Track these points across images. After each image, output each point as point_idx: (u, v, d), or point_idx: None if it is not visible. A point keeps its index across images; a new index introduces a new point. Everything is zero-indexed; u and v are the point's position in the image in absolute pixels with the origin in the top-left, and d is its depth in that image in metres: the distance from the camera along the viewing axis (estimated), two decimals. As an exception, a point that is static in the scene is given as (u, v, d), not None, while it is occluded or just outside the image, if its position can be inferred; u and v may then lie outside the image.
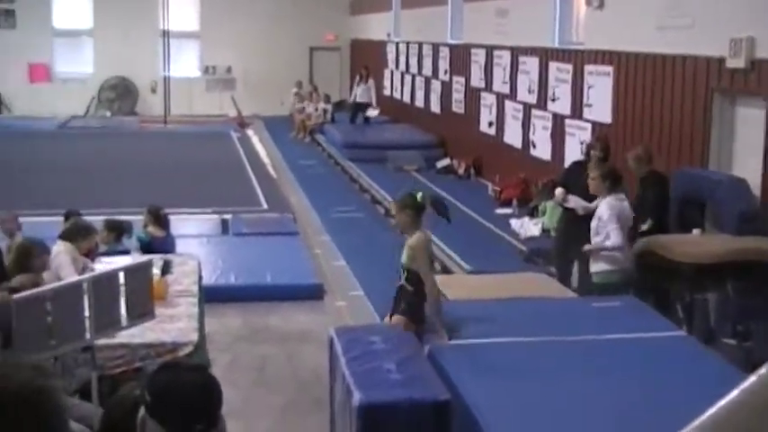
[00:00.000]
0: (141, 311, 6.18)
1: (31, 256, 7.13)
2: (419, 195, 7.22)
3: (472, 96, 18.74)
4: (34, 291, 5.50)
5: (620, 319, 6.87)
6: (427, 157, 19.85)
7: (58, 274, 7.23)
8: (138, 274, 6.19)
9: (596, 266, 8.36)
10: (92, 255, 8.31)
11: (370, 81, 24.19)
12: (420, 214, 7.12)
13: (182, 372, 2.88)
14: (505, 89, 16.74)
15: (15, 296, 5.33)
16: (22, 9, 30.25)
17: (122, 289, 5.97)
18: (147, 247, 9.59)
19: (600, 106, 12.85)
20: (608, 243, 8.21)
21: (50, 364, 5.55)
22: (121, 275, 5.99)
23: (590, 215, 8.63)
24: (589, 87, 13.22)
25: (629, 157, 9.66)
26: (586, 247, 8.38)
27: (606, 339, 6.42)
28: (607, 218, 8.23)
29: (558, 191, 9.80)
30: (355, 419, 4.90)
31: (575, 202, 9.36)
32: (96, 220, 9.52)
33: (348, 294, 11.07)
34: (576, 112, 13.64)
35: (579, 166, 10.00)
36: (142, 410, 2.80)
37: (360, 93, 24.26)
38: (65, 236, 8.15)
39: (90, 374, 5.83)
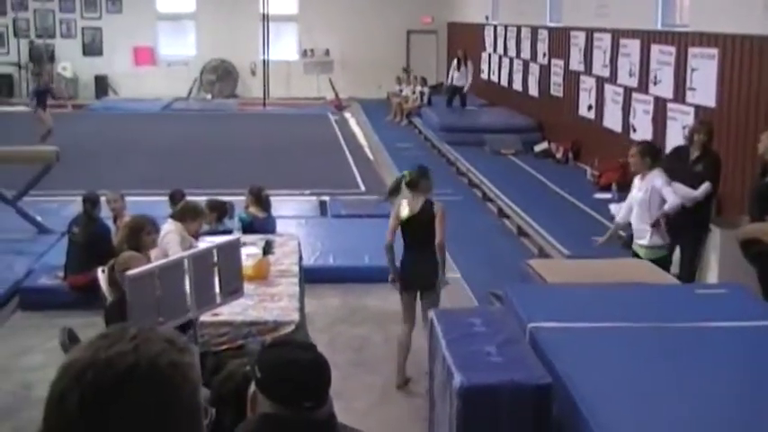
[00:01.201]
0: (233, 288, 6.31)
1: (143, 232, 7.29)
2: None
3: (571, 80, 18.51)
4: (145, 267, 5.65)
5: (725, 306, 6.73)
6: (525, 141, 19.71)
7: (166, 252, 7.40)
8: (228, 252, 6.31)
9: (650, 240, 8.61)
10: (197, 235, 8.48)
11: (469, 64, 24.07)
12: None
13: (293, 349, 2.93)
14: (605, 72, 16.50)
15: (128, 273, 5.48)
16: (127, -7, 30.96)
17: (215, 267, 6.10)
18: (249, 227, 9.74)
19: (704, 90, 12.57)
20: (666, 207, 8.48)
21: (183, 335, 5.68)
22: (215, 253, 6.11)
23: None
24: (693, 71, 12.93)
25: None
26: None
27: (710, 327, 6.30)
28: (661, 184, 8.47)
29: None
30: (456, 401, 4.91)
31: (676, 193, 9.21)
32: (199, 200, 9.70)
33: (445, 277, 11.05)
34: (679, 95, 13.37)
35: (680, 151, 9.83)
36: (252, 386, 2.85)
37: (457, 76, 24.19)
38: (175, 216, 8.33)
39: (194, 350, 5.95)
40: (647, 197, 8.57)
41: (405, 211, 8.06)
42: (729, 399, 5.19)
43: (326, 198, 14.63)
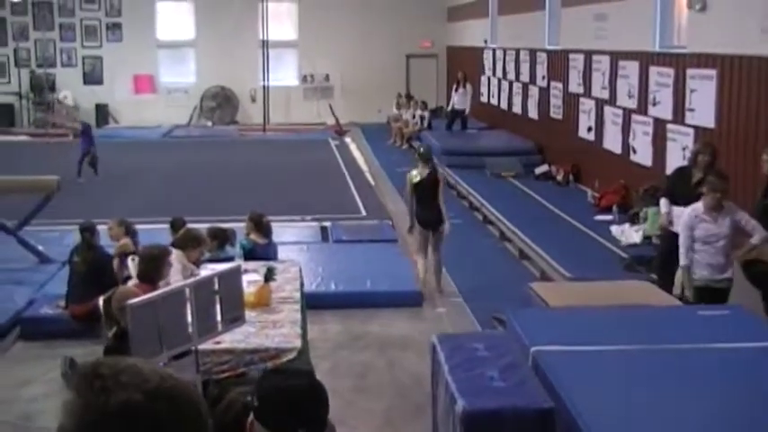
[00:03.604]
0: (234, 316, 6.30)
1: (164, 262, 7.23)
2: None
3: (570, 102, 18.55)
4: (146, 296, 5.65)
5: (728, 328, 6.71)
6: (525, 164, 19.72)
7: (168, 280, 7.39)
8: (229, 280, 6.30)
9: (729, 272, 8.42)
10: (198, 262, 8.47)
11: (468, 86, 24.12)
12: None
13: (289, 376, 2.93)
14: (605, 94, 16.53)
15: (130, 302, 5.48)
16: (128, 22, 31.10)
17: (217, 295, 6.09)
18: (250, 254, 9.73)
19: (703, 111, 12.59)
20: (754, 240, 8.33)
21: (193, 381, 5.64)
22: (216, 281, 6.10)
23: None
24: (692, 92, 12.96)
25: None
26: (739, 253, 8.39)
27: (714, 348, 6.28)
28: (743, 217, 8.40)
29: (662, 216, 9.72)
30: (459, 426, 4.90)
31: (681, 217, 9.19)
32: (200, 227, 9.70)
33: (448, 301, 11.09)
34: (678, 117, 13.39)
35: (683, 172, 9.83)
36: (251, 415, 2.85)
37: (457, 100, 24.22)
38: (177, 244, 8.33)
39: (196, 379, 5.92)
40: (729, 231, 8.36)
41: (417, 177, 11.34)
42: (732, 420, 5.17)
43: (328, 223, 14.63)
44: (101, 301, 7.31)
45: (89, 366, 1.58)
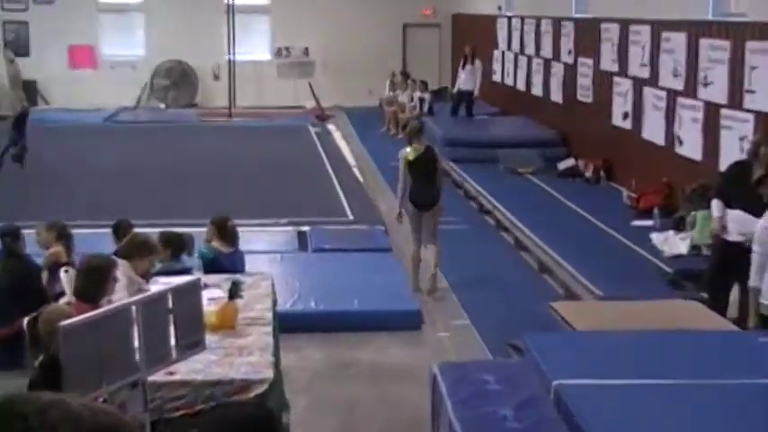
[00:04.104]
0: (192, 341, 6.28)
1: (109, 277, 7.19)
2: None
3: (602, 82, 18.59)
4: (82, 317, 5.63)
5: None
6: (547, 157, 19.76)
7: (111, 298, 7.38)
8: (186, 296, 6.28)
9: None
10: (147, 275, 8.47)
11: (477, 63, 24.11)
12: None
13: (231, 408, 2.96)
14: (644, 73, 16.57)
15: (63, 323, 5.45)
16: (61, -19, 31.05)
17: (170, 315, 6.08)
18: (212, 265, 9.72)
19: (765, 93, 12.62)
20: None
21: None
22: (169, 298, 6.09)
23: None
24: (752, 69, 12.99)
25: None
26: None
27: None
28: None
29: (714, 221, 9.72)
30: (464, 476, 4.91)
31: (738, 225, 9.20)
32: (150, 232, 9.69)
33: (451, 323, 11.13)
34: (735, 100, 13.42)
35: (741, 168, 9.83)
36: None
37: (464, 79, 24.22)
38: (121, 252, 8.30)
39: (144, 419, 5.90)
40: None
41: (412, 154, 12.31)
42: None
43: (307, 228, 14.63)
44: (25, 322, 7.28)
45: (4, 404, 1.52)
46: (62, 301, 7.29)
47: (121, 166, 20.39)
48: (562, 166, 19.29)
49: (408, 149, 12.41)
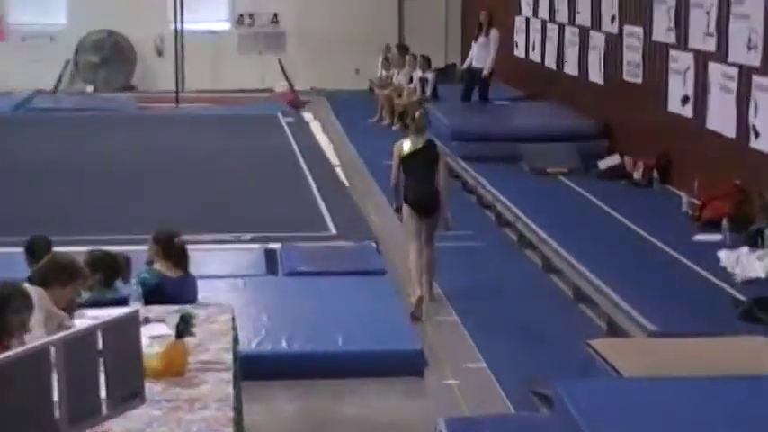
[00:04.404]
0: (128, 391, 6.25)
1: (8, 310, 7.13)
2: None
3: (655, 57, 18.58)
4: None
5: None
6: (584, 154, 19.75)
7: (22, 337, 7.33)
8: (121, 334, 6.25)
9: None
10: (71, 306, 8.43)
11: (494, 33, 24.03)
12: None
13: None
14: (710, 44, 16.57)
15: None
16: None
17: (101, 358, 6.04)
18: (155, 293, 9.69)
19: None
20: None
21: None
22: (99, 336, 6.05)
23: None
24: None
25: None
26: None
27: None
28: None
29: None
30: None
31: None
32: (75, 252, 9.64)
33: (462, 367, 11.11)
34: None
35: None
36: None
37: (477, 54, 24.15)
38: (37, 279, 8.26)
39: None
40: None
41: (406, 147, 13.17)
42: None
43: (276, 246, 14.58)
44: None
45: None
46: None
47: (37, 166, 20.32)
48: (604, 164, 19.27)
49: (405, 141, 13.24)
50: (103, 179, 19.31)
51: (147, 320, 7.92)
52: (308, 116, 27.26)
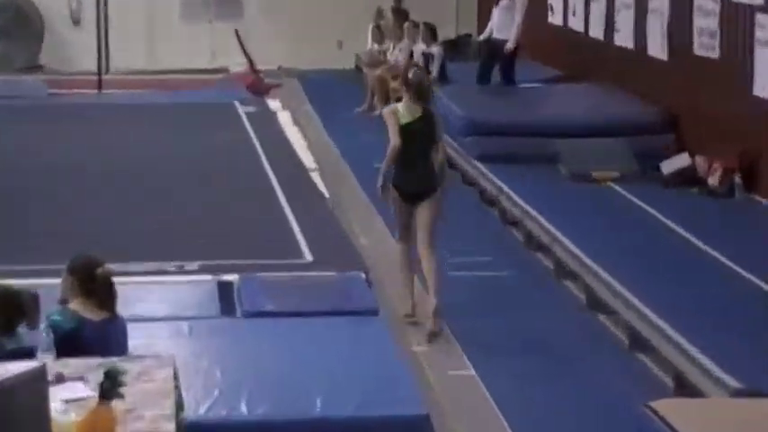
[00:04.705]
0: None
1: None
2: None
3: (737, 23, 18.63)
4: None
5: None
6: (641, 152, 19.81)
7: None
8: (25, 395, 6.24)
9: None
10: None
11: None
12: None
13: None
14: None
15: None
16: None
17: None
18: (71, 341, 9.68)
19: None
20: None
21: None
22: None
23: None
24: None
25: None
26: None
27: None
28: None
29: None
30: None
31: None
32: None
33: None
34: None
35: None
36: None
37: (498, 22, 24.16)
38: None
39: None
40: None
41: (405, 117, 13.74)
42: None
43: (233, 278, 14.56)
44: None
45: None
46: None
47: None
48: (668, 167, 19.30)
49: (399, 107, 14.04)
50: (3, 188, 19.30)
51: (60, 378, 7.91)
52: (274, 105, 27.34)
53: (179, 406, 8.60)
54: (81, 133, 24.09)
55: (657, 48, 21.54)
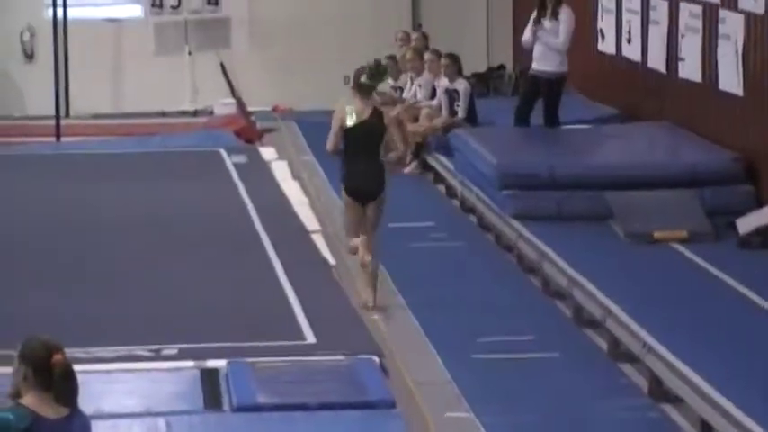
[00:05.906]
0: None
1: None
2: None
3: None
4: None
5: None
6: (713, 208, 19.81)
7: None
8: None
9: None
10: None
11: (565, 14, 24.03)
12: None
13: None
14: None
15: None
16: None
17: None
18: (22, 442, 9.69)
19: None
20: None
21: None
22: None
23: None
24: None
25: None
26: None
27: None
28: None
29: None
30: None
31: None
32: None
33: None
34: None
35: None
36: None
37: (539, 52, 24.14)
38: None
39: None
40: None
41: (351, 118, 15.79)
42: None
43: (220, 364, 14.59)
44: None
45: None
46: None
47: None
48: (746, 225, 19.29)
49: (347, 108, 15.85)
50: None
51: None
52: (268, 153, 27.37)
53: None
54: (35, 191, 24.16)
55: (731, 80, 21.57)
